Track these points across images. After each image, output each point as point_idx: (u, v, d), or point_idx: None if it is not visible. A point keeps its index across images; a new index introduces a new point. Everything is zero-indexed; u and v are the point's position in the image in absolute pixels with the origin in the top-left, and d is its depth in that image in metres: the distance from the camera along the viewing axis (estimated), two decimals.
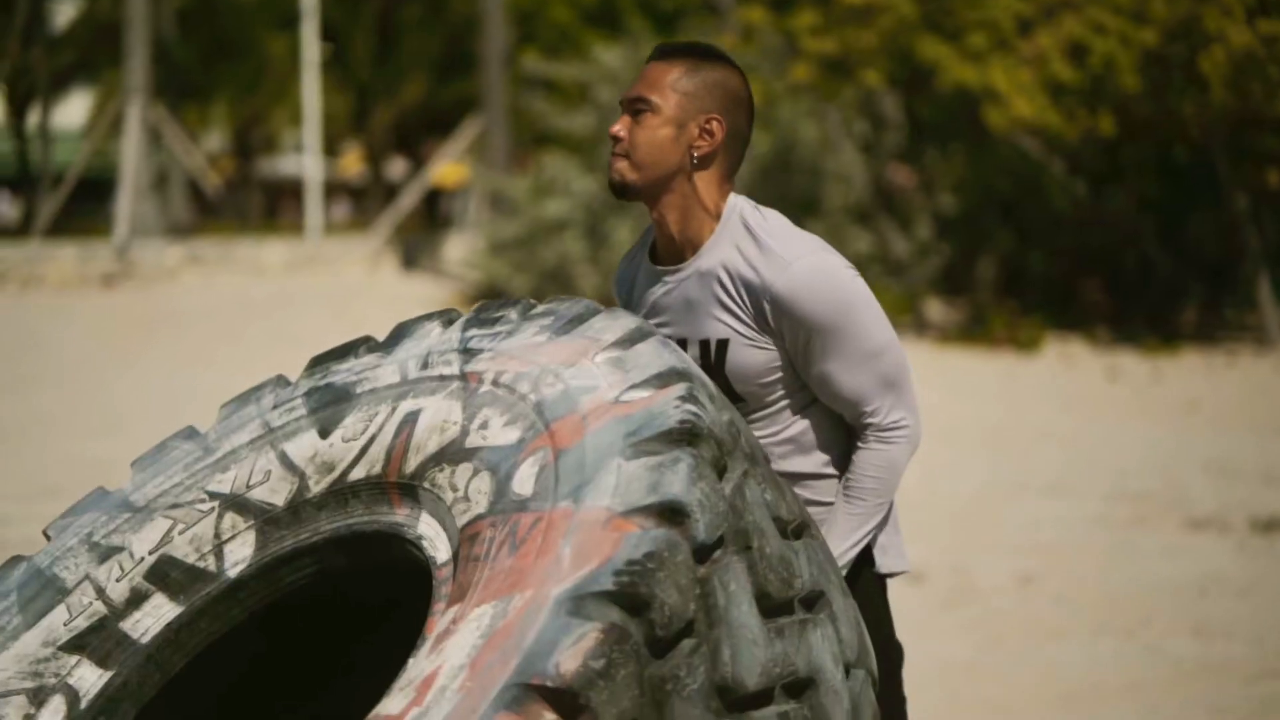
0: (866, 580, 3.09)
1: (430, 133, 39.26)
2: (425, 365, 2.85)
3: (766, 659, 2.48)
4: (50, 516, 8.72)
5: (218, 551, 2.90)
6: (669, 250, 3.05)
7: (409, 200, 32.91)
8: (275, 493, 2.87)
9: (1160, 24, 15.97)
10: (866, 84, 18.50)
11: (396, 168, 44.20)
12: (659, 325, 3.05)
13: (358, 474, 2.79)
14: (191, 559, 2.90)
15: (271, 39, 38.91)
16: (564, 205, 19.69)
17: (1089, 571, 7.72)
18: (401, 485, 2.73)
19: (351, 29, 37.94)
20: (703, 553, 2.43)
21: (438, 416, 2.74)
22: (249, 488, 2.90)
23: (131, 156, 30.85)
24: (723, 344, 2.97)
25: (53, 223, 34.31)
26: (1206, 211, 17.86)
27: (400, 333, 2.97)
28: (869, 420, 3.00)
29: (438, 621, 2.45)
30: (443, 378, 2.80)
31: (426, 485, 2.69)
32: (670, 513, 2.40)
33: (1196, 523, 8.71)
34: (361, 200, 47.65)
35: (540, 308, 2.85)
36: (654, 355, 2.65)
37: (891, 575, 3.13)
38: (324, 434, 2.87)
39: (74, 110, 45.99)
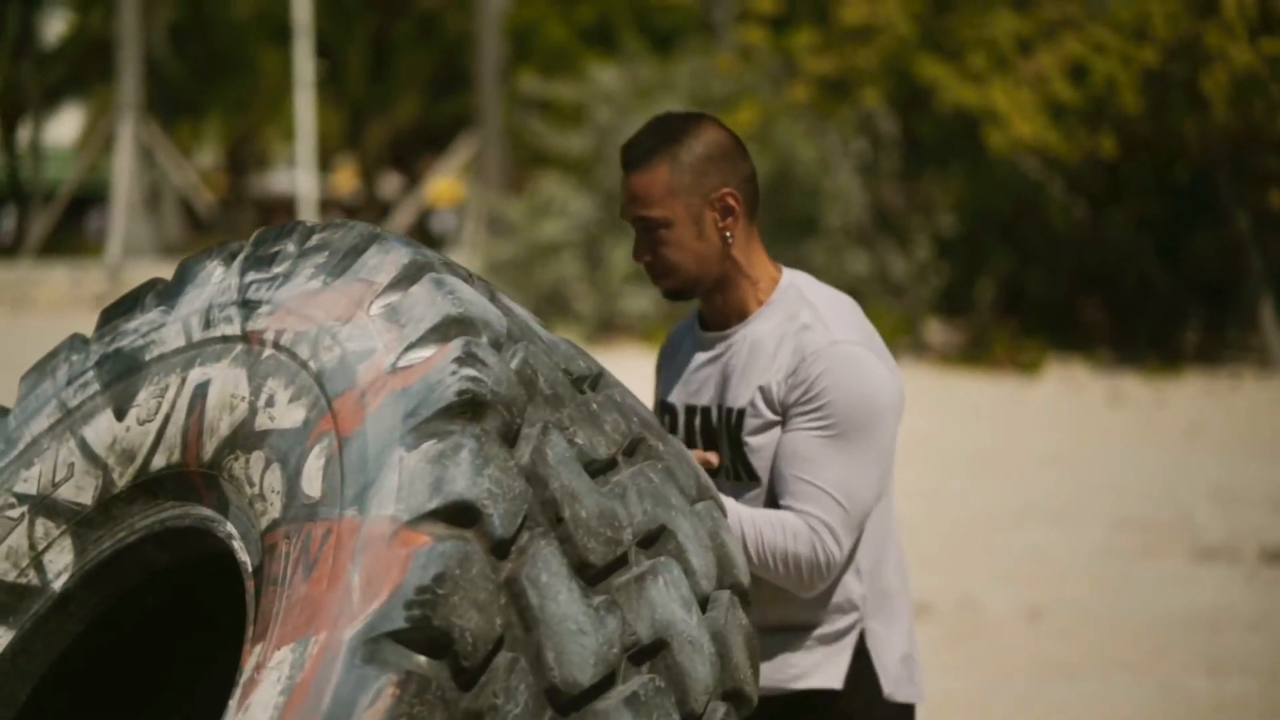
0: (879, 711, 2.86)
1: (424, 150, 39.20)
2: (208, 323, 2.56)
3: (599, 644, 2.25)
4: None
5: (37, 564, 2.63)
6: (715, 319, 2.91)
7: (403, 218, 32.78)
8: (82, 490, 2.60)
9: (1161, 43, 15.89)
10: (865, 104, 18.40)
11: (390, 185, 44.09)
12: (694, 391, 2.92)
13: (159, 462, 2.53)
14: (12, 576, 2.63)
15: (265, 55, 38.82)
16: (561, 226, 19.57)
17: (1097, 604, 7.58)
18: (204, 474, 2.48)
19: (345, 45, 37.86)
20: (502, 549, 2.20)
21: (225, 390, 2.47)
22: (54, 486, 2.62)
23: (124, 174, 30.71)
24: (744, 415, 2.82)
25: (44, 241, 34.12)
26: (1208, 232, 17.77)
27: (183, 277, 2.66)
28: (803, 509, 2.76)
29: (248, 661, 2.23)
30: (225, 339, 2.52)
31: (225, 476, 2.44)
32: (458, 515, 2.17)
33: (1205, 552, 8.58)
34: (355, 217, 47.44)
35: (315, 239, 2.57)
36: (428, 300, 2.37)
37: (903, 709, 2.89)
38: (120, 415, 2.59)
39: (66, 127, 45.84)
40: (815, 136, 19.15)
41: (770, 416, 2.80)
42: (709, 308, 2.91)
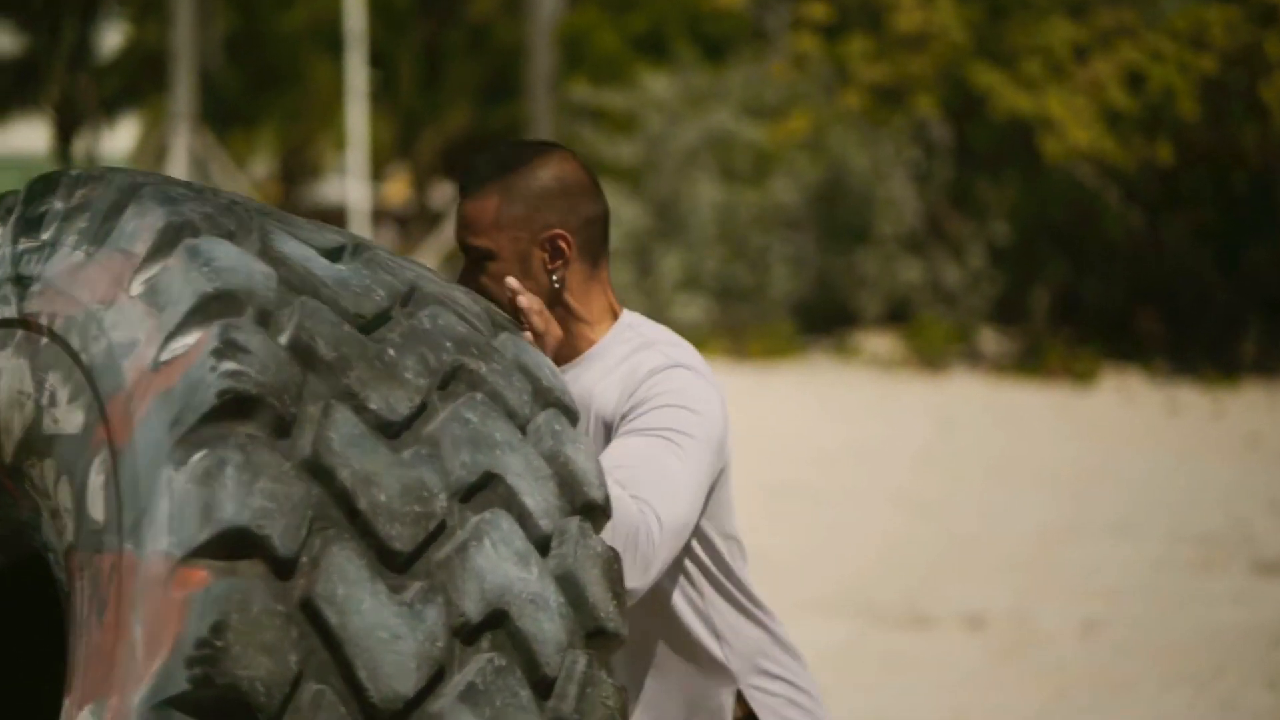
0: None
1: None
2: None
3: (419, 644, 2.03)
4: None
5: None
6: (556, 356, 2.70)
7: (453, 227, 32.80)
8: None
9: (1220, 51, 15.73)
10: (919, 111, 18.29)
11: (442, 194, 44.18)
12: None
13: None
14: None
15: (318, 65, 39.00)
16: (611, 234, 19.54)
17: (1155, 618, 7.45)
18: (11, 478, 2.26)
19: (397, 55, 37.96)
20: (288, 568, 1.98)
21: (13, 385, 2.24)
22: None
23: None
24: None
25: None
26: (1266, 241, 17.57)
27: None
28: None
29: (63, 707, 2.06)
30: (6, 323, 2.27)
31: (29, 484, 2.22)
32: (231, 545, 1.96)
33: (1266, 566, 8.43)
34: (407, 227, 47.68)
35: (77, 196, 2.29)
36: (183, 276, 2.11)
37: None
38: None
39: (122, 138, 46.17)
40: (868, 144, 19.04)
41: None
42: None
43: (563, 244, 2.64)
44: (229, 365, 2.04)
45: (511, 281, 2.53)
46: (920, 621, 7.31)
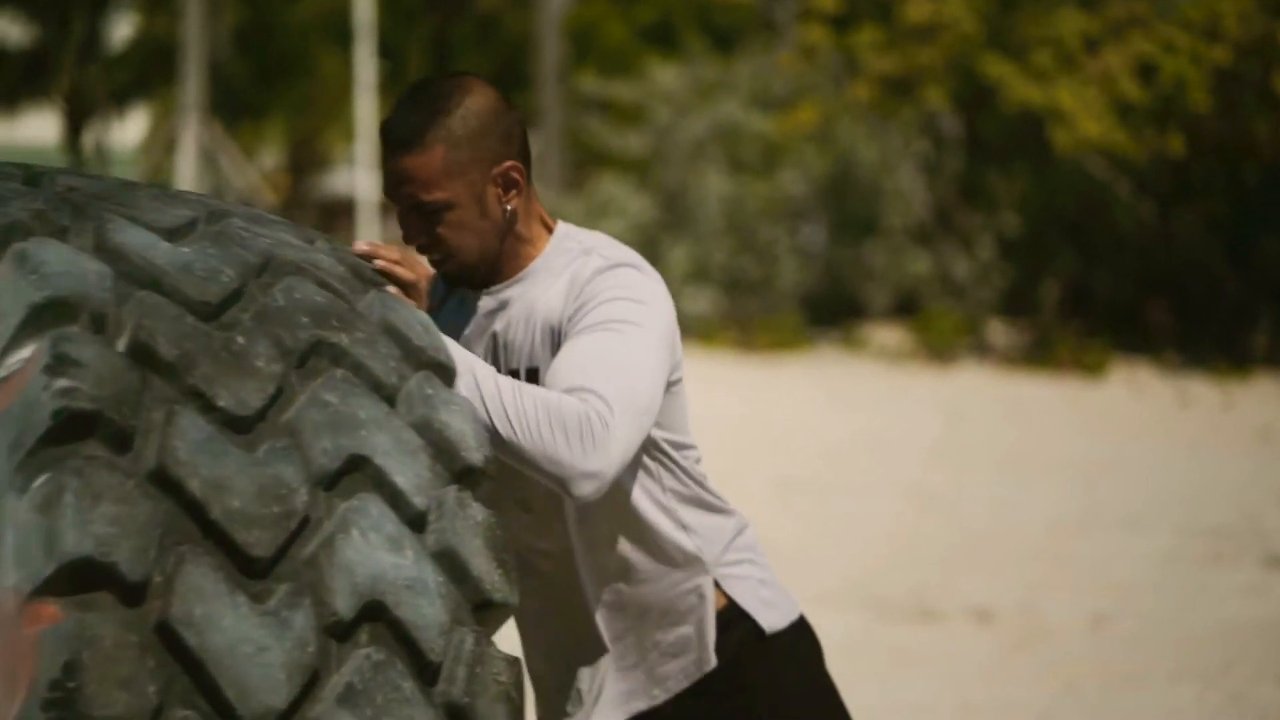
0: (773, 651, 2.72)
1: None
2: None
3: (287, 653, 1.94)
4: None
5: None
6: (488, 282, 2.67)
7: None
8: None
9: (1232, 42, 15.66)
10: (928, 103, 18.23)
11: None
12: (481, 355, 2.65)
13: None
14: None
15: (326, 57, 38.99)
16: (619, 226, 19.47)
17: (1165, 612, 7.41)
18: None
19: (406, 47, 37.94)
20: (139, 593, 1.89)
21: None
22: None
23: (187, 176, 30.87)
24: (535, 371, 2.61)
25: None
26: (1277, 232, 17.51)
27: None
28: (575, 386, 2.47)
29: None
30: None
31: None
32: (77, 577, 1.86)
33: (1276, 559, 8.40)
34: None
35: None
36: (13, 285, 1.98)
37: (793, 628, 2.75)
38: None
39: (131, 129, 46.18)
40: (877, 136, 18.99)
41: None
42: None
43: (515, 174, 2.63)
44: (62, 382, 1.92)
45: (360, 245, 2.43)
46: (929, 615, 7.27)
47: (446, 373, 2.26)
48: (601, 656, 2.72)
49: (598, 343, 2.51)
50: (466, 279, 2.65)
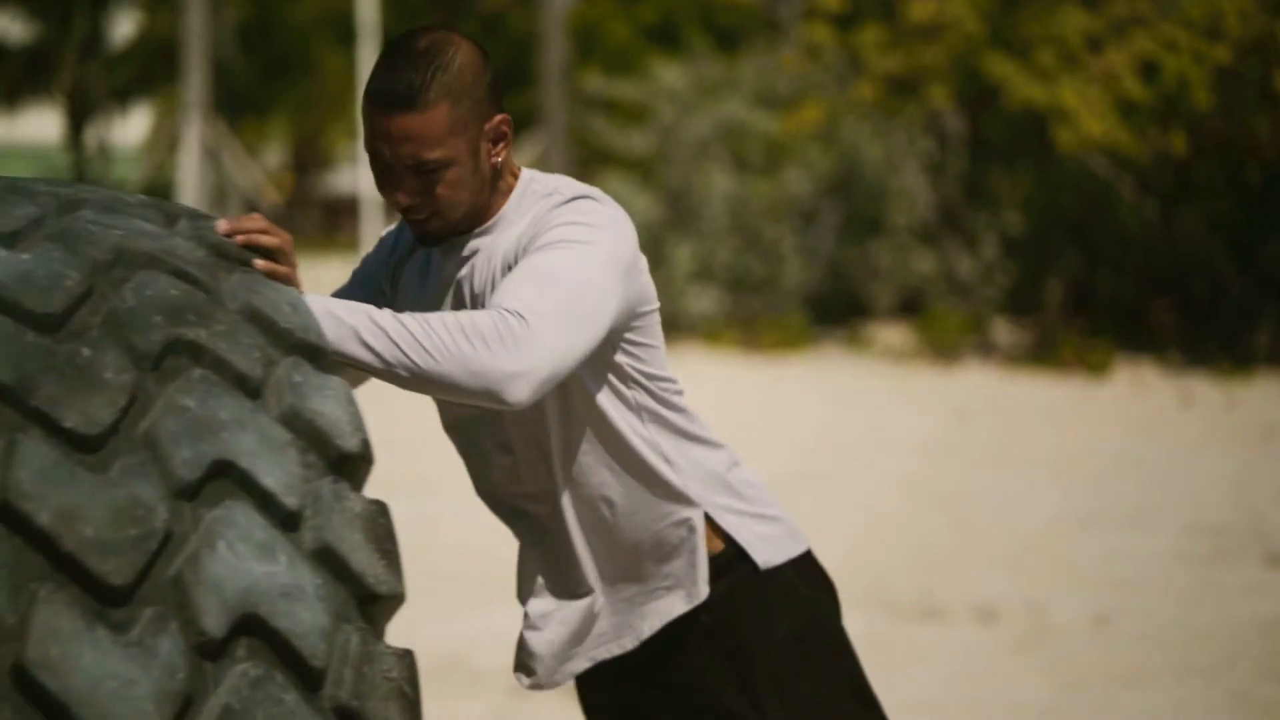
0: (767, 588, 2.68)
1: None
2: None
3: (156, 683, 1.82)
4: None
5: None
6: (454, 231, 2.61)
7: None
8: None
9: (1234, 41, 15.66)
10: (932, 102, 18.23)
11: None
12: (435, 304, 2.61)
13: None
14: None
15: (329, 55, 38.99)
16: None
17: (1169, 610, 7.42)
18: None
19: None
20: None
21: None
22: None
23: (190, 174, 30.88)
24: None
25: None
26: None
27: None
28: (502, 304, 2.41)
29: None
30: None
31: None
32: None
33: (1278, 558, 8.40)
34: None
35: None
36: None
37: (794, 566, 2.71)
38: None
39: (134, 127, 46.14)
40: (881, 135, 18.99)
41: None
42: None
43: (505, 128, 2.58)
44: None
45: (221, 223, 2.28)
46: (932, 613, 7.29)
47: (316, 354, 2.12)
48: (594, 594, 2.68)
49: (535, 261, 2.46)
50: (444, 236, 2.58)
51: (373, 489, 2.17)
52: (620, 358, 2.60)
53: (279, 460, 1.99)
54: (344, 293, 2.74)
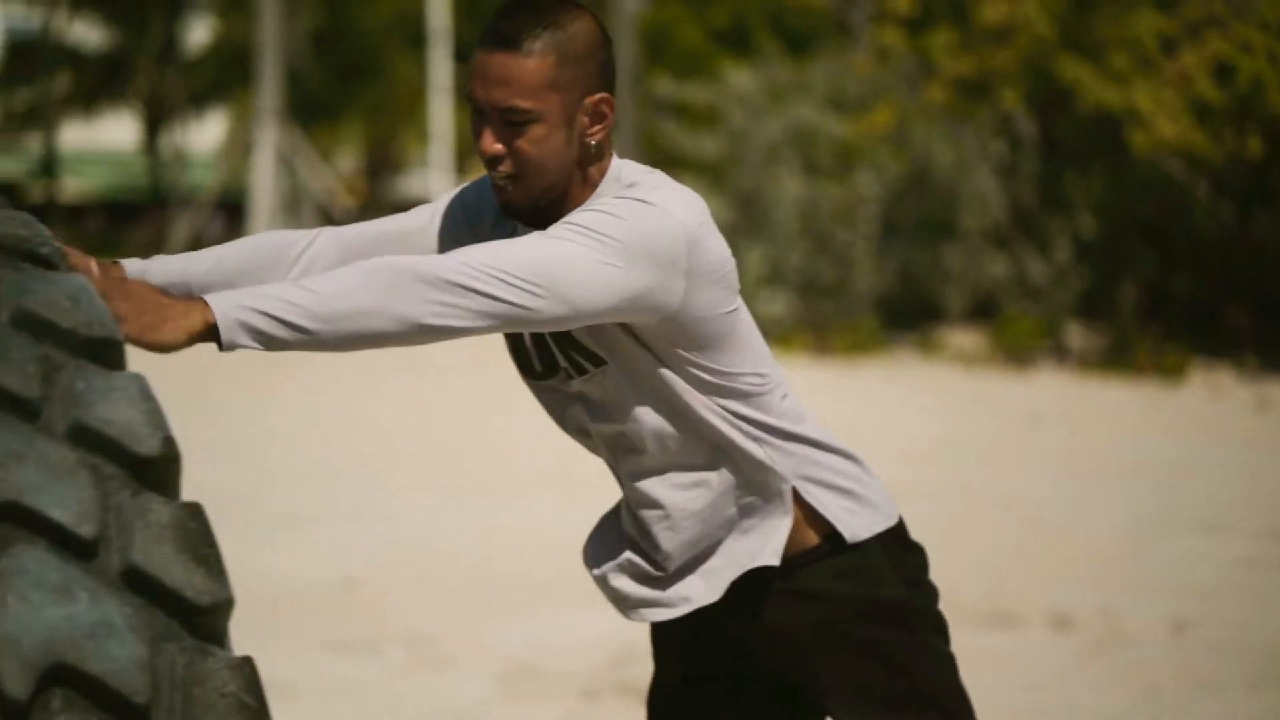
0: (859, 559, 2.66)
1: None
2: None
3: None
4: None
5: None
6: (539, 208, 2.54)
7: None
8: None
9: None
10: (1004, 105, 18.14)
11: None
12: None
13: None
14: None
15: (402, 60, 39.20)
16: None
17: (1246, 616, 7.35)
18: None
19: None
20: None
21: None
22: None
23: (263, 179, 31.13)
24: None
25: (190, 245, 34.58)
26: None
27: None
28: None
29: None
30: None
31: None
32: None
33: None
34: None
35: None
36: None
37: (884, 537, 2.69)
38: None
39: (209, 132, 46.52)
40: (952, 138, 18.90)
41: None
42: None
43: (606, 107, 2.51)
44: None
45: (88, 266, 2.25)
46: (1006, 619, 7.25)
47: (105, 351, 1.91)
48: (672, 554, 2.65)
49: (534, 239, 2.44)
50: (524, 209, 2.52)
51: (440, 494, 2.15)
52: (693, 354, 2.57)
53: (68, 487, 1.80)
54: (383, 235, 2.68)
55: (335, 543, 8.85)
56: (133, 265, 2.61)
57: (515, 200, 2.51)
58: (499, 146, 2.46)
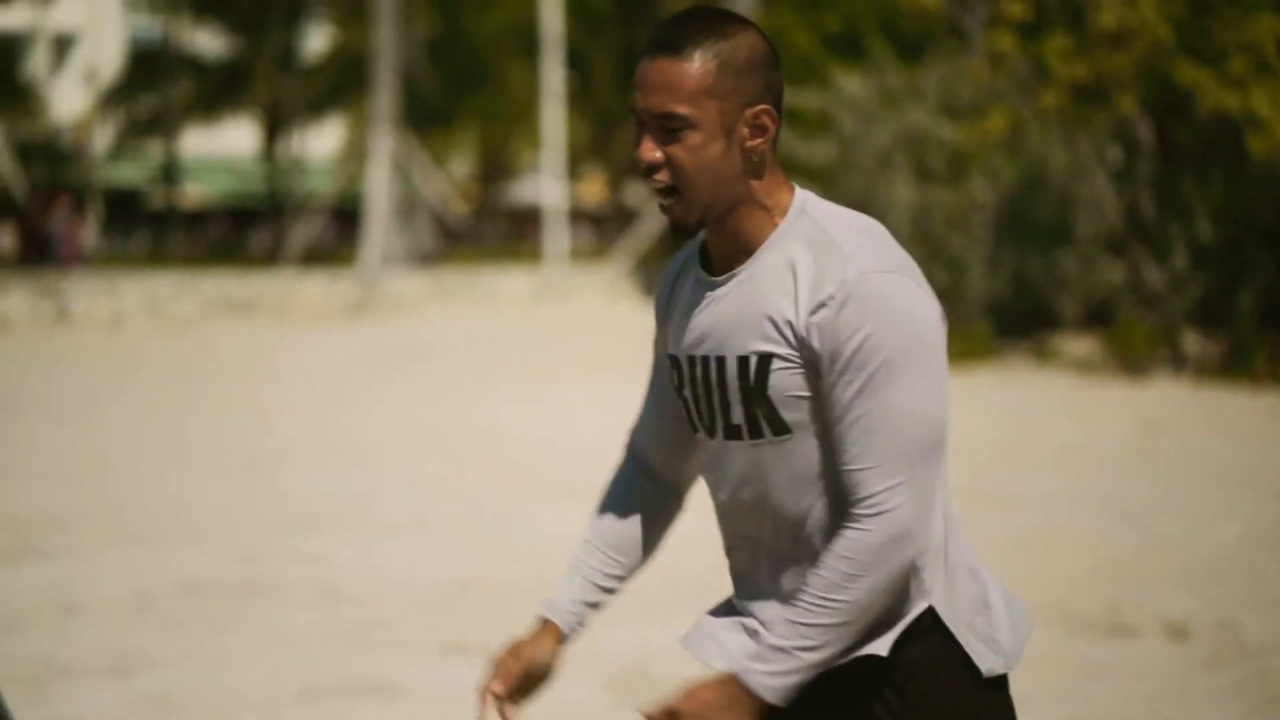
0: (959, 690, 2.54)
1: None
2: None
3: None
4: (300, 550, 8.77)
5: None
6: (722, 254, 2.52)
7: (648, 226, 32.89)
8: None
9: None
10: (1120, 110, 17.97)
11: (637, 193, 44.40)
12: (697, 339, 2.53)
13: None
14: None
15: (515, 67, 39.39)
16: None
17: None
18: None
19: (593, 56, 38.19)
20: None
21: None
22: None
23: (379, 185, 31.38)
24: (764, 360, 2.45)
25: (308, 251, 35.00)
26: None
27: None
28: (856, 494, 2.43)
29: None
30: None
31: None
32: None
33: None
34: (602, 226, 47.97)
35: None
36: None
37: (993, 678, 2.55)
38: None
39: (327, 139, 47.00)
40: (1068, 143, 18.75)
41: (787, 353, 2.44)
42: (714, 240, 2.53)
43: (767, 119, 2.47)
44: None
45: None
46: (1122, 629, 7.19)
47: None
48: (772, 598, 2.60)
49: (886, 434, 2.45)
50: (690, 226, 2.48)
51: (558, 500, 2.18)
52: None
53: None
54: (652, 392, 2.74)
55: (451, 546, 8.94)
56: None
57: (681, 218, 2.49)
58: (656, 155, 2.44)
